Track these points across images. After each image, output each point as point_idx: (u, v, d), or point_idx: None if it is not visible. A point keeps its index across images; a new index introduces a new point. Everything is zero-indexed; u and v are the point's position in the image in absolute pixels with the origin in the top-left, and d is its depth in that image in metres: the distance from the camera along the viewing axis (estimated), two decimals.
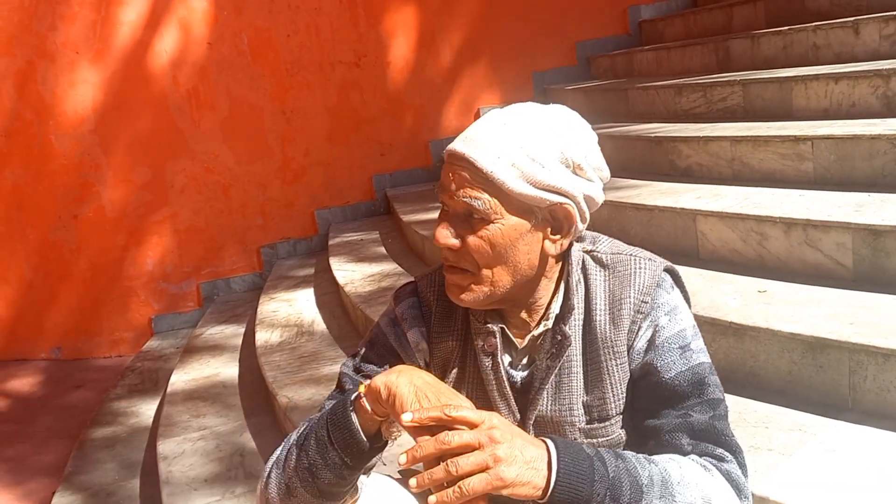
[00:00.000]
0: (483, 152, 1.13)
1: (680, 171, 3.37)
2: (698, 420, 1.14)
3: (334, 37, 5.08)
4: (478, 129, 1.16)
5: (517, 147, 1.13)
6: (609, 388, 1.21)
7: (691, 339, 1.19)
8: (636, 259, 1.23)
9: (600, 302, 1.21)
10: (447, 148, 1.17)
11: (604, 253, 1.25)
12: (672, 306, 1.20)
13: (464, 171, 1.13)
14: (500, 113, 1.19)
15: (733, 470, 1.12)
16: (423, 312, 1.31)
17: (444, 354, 1.29)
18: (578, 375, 1.21)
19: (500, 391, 1.24)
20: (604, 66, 5.50)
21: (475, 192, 1.13)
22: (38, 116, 4.64)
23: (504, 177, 1.12)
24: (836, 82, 3.12)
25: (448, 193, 1.15)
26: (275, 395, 2.93)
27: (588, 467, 1.02)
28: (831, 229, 2.35)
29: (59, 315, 4.88)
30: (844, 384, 1.95)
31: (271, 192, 5.08)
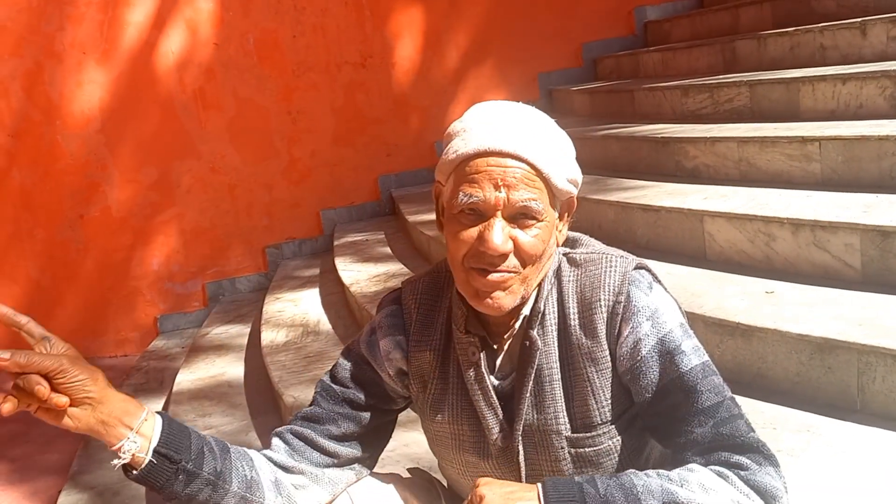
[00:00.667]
0: (534, 150, 1.10)
1: (687, 172, 3.37)
2: (700, 434, 1.09)
3: (340, 38, 5.09)
4: (513, 127, 1.12)
5: (555, 143, 1.14)
6: (591, 396, 1.17)
7: (681, 341, 1.14)
8: (607, 257, 1.19)
9: (572, 305, 1.18)
10: (490, 146, 1.10)
11: (578, 253, 1.23)
12: (653, 309, 1.15)
13: (516, 169, 1.09)
14: (509, 108, 1.16)
15: (754, 476, 1.06)
16: (403, 321, 1.29)
17: (423, 366, 1.27)
18: (558, 383, 1.18)
19: (486, 401, 1.22)
20: (609, 67, 5.49)
21: (532, 192, 1.10)
22: (46, 117, 4.66)
23: (555, 174, 1.12)
24: (844, 83, 3.11)
25: (496, 193, 1.09)
26: (280, 395, 2.93)
27: (577, 492, 1.03)
28: (839, 230, 2.34)
29: (66, 314, 4.89)
30: (853, 385, 1.94)
31: (277, 193, 5.09)
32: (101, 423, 1.09)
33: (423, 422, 1.33)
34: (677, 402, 1.12)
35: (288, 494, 1.24)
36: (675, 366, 1.12)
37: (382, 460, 1.37)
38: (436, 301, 1.29)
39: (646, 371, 1.13)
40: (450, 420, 1.26)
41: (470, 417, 1.24)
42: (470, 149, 1.11)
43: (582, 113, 5.07)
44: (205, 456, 1.16)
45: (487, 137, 1.11)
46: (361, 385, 1.29)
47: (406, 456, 2.25)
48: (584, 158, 4.35)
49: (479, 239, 1.10)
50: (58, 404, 1.05)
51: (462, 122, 1.17)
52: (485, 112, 1.16)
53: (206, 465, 1.16)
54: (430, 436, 1.32)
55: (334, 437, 1.27)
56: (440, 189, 1.21)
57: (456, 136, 1.15)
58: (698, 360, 1.13)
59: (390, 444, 1.39)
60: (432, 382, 1.26)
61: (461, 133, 1.15)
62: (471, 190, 1.10)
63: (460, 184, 1.12)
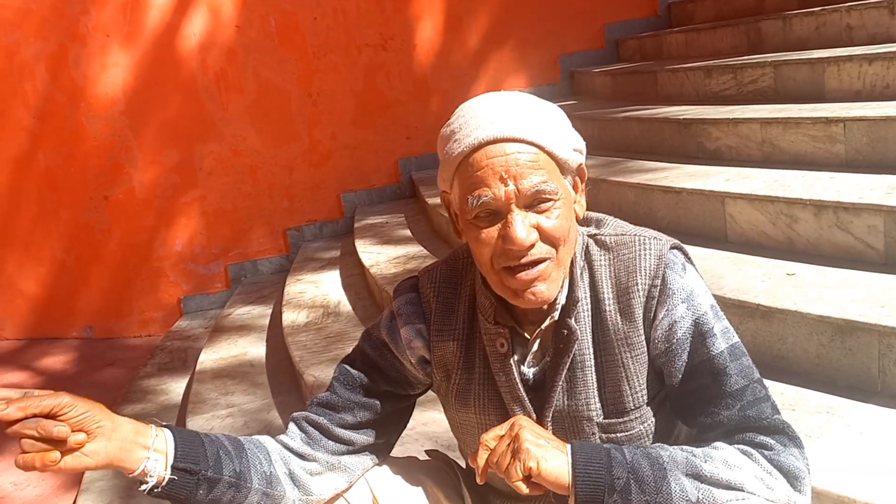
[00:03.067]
0: (530, 127, 1.07)
1: (709, 153, 3.34)
2: (727, 416, 1.10)
3: (361, 20, 5.08)
4: (503, 112, 1.08)
5: (547, 115, 1.11)
6: (625, 381, 1.16)
7: (713, 323, 1.13)
8: (640, 239, 1.16)
9: (607, 290, 1.16)
10: (485, 137, 1.06)
11: (608, 235, 1.19)
12: (688, 291, 1.14)
13: (520, 154, 1.06)
14: (493, 97, 1.13)
15: (779, 457, 1.07)
16: (422, 309, 1.26)
17: (446, 356, 1.25)
18: (591, 369, 1.17)
19: (512, 394, 1.20)
20: (632, 49, 5.44)
21: (539, 174, 1.06)
22: (70, 99, 4.71)
23: (557, 145, 1.09)
24: (870, 63, 3.06)
25: (504, 188, 1.05)
26: (301, 374, 2.96)
27: (605, 456, 1.04)
28: (862, 212, 2.32)
29: (91, 295, 4.97)
30: (874, 367, 1.93)
31: (298, 175, 5.11)
32: (120, 449, 1.07)
33: (447, 410, 1.32)
34: (706, 383, 1.12)
35: (304, 485, 1.24)
36: (705, 348, 1.12)
37: (402, 438, 1.38)
38: (455, 289, 1.26)
39: (680, 353, 1.13)
40: (476, 410, 1.25)
41: (497, 407, 1.23)
42: (465, 146, 1.07)
43: (603, 95, 5.04)
44: (222, 460, 1.16)
45: (480, 129, 1.07)
46: (381, 370, 1.28)
47: (424, 434, 2.28)
48: (605, 140, 4.35)
49: (502, 238, 1.07)
50: (78, 441, 1.02)
51: (450, 124, 1.13)
52: (470, 108, 1.12)
53: (226, 468, 1.16)
54: (455, 424, 1.32)
55: (350, 425, 1.27)
56: (448, 198, 1.18)
57: (448, 141, 1.11)
58: (727, 343, 1.13)
59: (410, 423, 1.39)
60: (457, 373, 1.25)
61: (452, 136, 1.11)
62: (479, 191, 1.06)
63: (466, 187, 1.08)
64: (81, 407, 1.03)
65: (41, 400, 1.00)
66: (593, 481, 1.03)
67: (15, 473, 3.31)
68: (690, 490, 1.03)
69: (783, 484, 1.06)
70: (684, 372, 1.13)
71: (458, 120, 1.11)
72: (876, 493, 1.52)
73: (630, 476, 1.02)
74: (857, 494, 1.53)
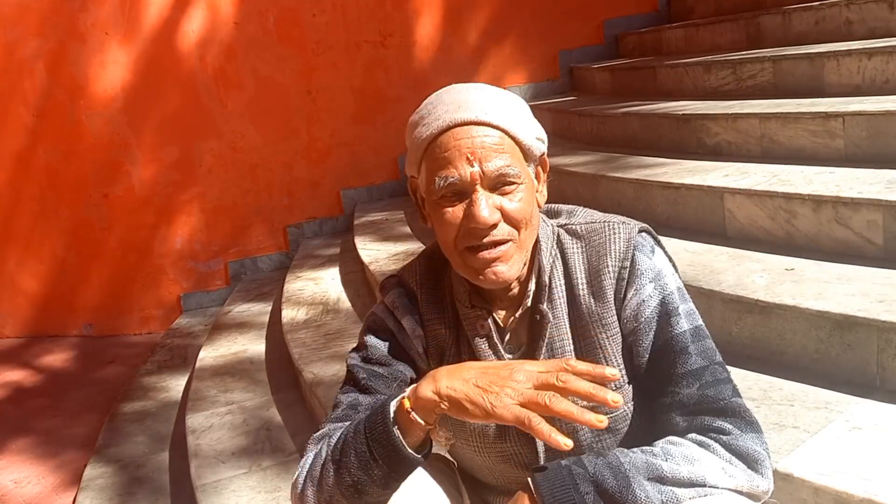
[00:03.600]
0: (496, 112, 1.11)
1: (708, 149, 3.33)
2: (687, 395, 1.12)
3: (360, 16, 5.08)
4: (470, 98, 1.13)
5: (512, 104, 1.15)
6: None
7: (678, 304, 1.17)
8: (609, 225, 1.21)
9: (580, 275, 1.20)
10: (452, 120, 1.10)
11: (578, 224, 1.23)
12: (656, 272, 1.18)
13: (486, 137, 1.10)
14: (460, 86, 1.18)
15: (736, 441, 1.09)
16: (410, 301, 1.28)
17: (439, 341, 1.27)
18: (570, 354, 1.20)
19: None
20: (632, 44, 5.43)
21: (504, 157, 1.11)
22: (70, 96, 4.71)
23: (521, 132, 1.13)
24: (870, 58, 3.05)
25: (470, 168, 1.09)
26: (301, 371, 2.96)
27: (567, 475, 1.04)
28: (861, 207, 2.31)
29: (91, 292, 4.97)
30: (872, 362, 1.93)
31: (297, 172, 5.11)
32: None
33: None
34: (668, 362, 1.15)
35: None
36: (669, 326, 1.16)
37: None
38: (436, 280, 1.29)
39: (647, 332, 1.17)
40: None
41: None
42: (434, 129, 1.12)
43: (603, 90, 5.03)
44: None
45: (448, 113, 1.11)
46: (401, 360, 1.27)
47: None
48: (604, 136, 4.34)
49: (466, 217, 1.10)
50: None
51: (419, 112, 1.17)
52: (438, 96, 1.17)
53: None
54: (445, 416, 1.32)
55: None
56: (415, 183, 1.22)
57: (417, 126, 1.16)
58: (690, 325, 1.17)
59: None
60: (447, 359, 1.27)
61: (421, 121, 1.15)
62: (445, 172, 1.10)
63: (433, 168, 1.12)
64: None
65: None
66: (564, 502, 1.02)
67: (15, 471, 3.31)
68: (654, 494, 1.03)
69: (743, 470, 1.07)
70: (650, 352, 1.17)
71: (427, 107, 1.16)
72: (875, 489, 1.52)
73: (594, 489, 1.03)
74: (856, 490, 1.53)
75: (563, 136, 4.61)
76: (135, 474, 3.00)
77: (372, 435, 1.07)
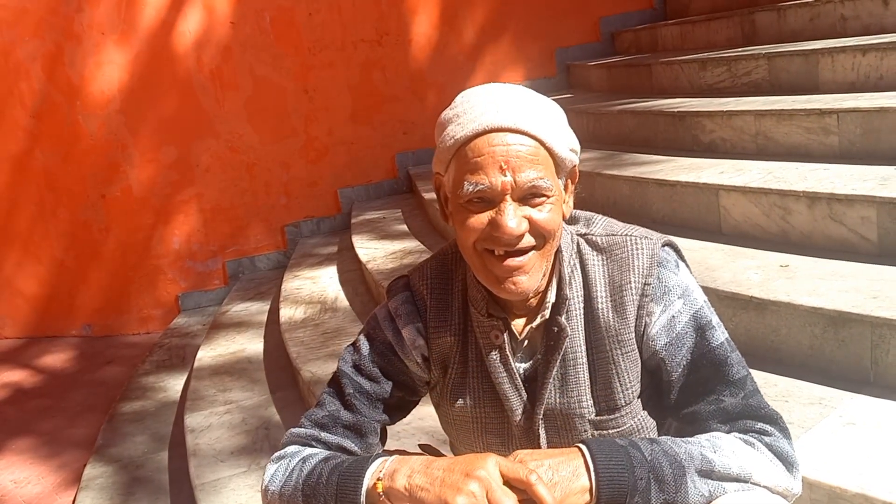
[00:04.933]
0: (534, 122, 1.07)
1: (703, 146, 3.34)
2: (731, 404, 1.12)
3: (356, 15, 5.08)
4: (509, 102, 1.08)
5: (551, 113, 1.11)
6: (616, 378, 1.17)
7: (710, 317, 1.16)
8: (632, 239, 1.17)
9: (601, 289, 1.17)
10: (489, 124, 1.05)
11: (598, 235, 1.20)
12: (684, 287, 1.16)
13: (521, 146, 1.06)
14: (499, 87, 1.12)
15: (777, 443, 1.10)
16: (417, 307, 1.25)
17: (443, 350, 1.25)
18: (584, 367, 1.18)
19: (511, 383, 1.20)
20: (628, 42, 5.44)
21: (538, 170, 1.06)
22: (67, 98, 4.71)
23: (557, 143, 1.09)
24: (864, 54, 3.06)
25: (502, 178, 1.05)
26: (299, 371, 2.97)
27: (625, 456, 1.03)
28: (856, 203, 2.32)
29: (90, 293, 4.98)
30: (866, 358, 1.94)
31: (295, 172, 5.12)
32: None
33: (441, 406, 1.32)
34: (707, 375, 1.14)
35: None
36: (706, 341, 1.14)
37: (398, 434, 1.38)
38: (447, 285, 1.26)
39: (680, 347, 1.15)
40: (471, 404, 1.25)
41: (492, 400, 1.23)
42: (469, 130, 1.07)
43: (599, 88, 5.04)
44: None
45: (485, 116, 1.06)
46: (390, 377, 1.26)
47: (420, 429, 2.29)
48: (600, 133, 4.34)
49: (492, 225, 1.07)
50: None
51: (453, 108, 1.12)
52: (476, 94, 1.11)
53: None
54: (449, 419, 1.31)
55: (362, 434, 1.26)
56: (440, 180, 1.17)
57: (450, 123, 1.11)
58: (724, 336, 1.16)
59: (406, 418, 1.39)
60: (453, 367, 1.25)
61: (455, 119, 1.10)
62: (476, 178, 1.06)
63: (463, 171, 1.07)
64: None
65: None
66: (616, 484, 1.01)
67: (15, 471, 3.32)
68: (702, 487, 1.04)
69: (783, 471, 1.08)
70: (685, 365, 1.15)
71: (462, 105, 1.11)
72: (868, 483, 1.53)
73: (651, 476, 1.02)
74: (849, 485, 1.54)
75: None
76: (134, 474, 3.01)
77: (342, 496, 1.09)
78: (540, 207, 1.08)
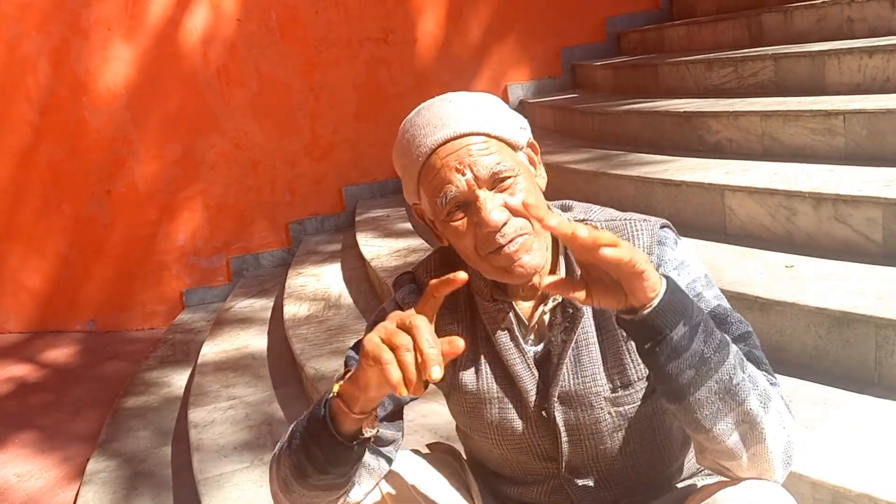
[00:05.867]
0: (470, 119, 1.13)
1: (709, 146, 3.34)
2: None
3: (362, 13, 5.08)
4: (443, 115, 1.13)
5: (485, 105, 1.16)
6: (626, 354, 1.20)
7: (703, 289, 1.17)
8: (631, 223, 1.21)
9: None
10: (434, 142, 1.12)
11: (598, 221, 1.23)
12: (679, 261, 1.19)
13: (470, 145, 1.11)
14: (427, 105, 1.17)
15: (780, 391, 1.11)
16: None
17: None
18: (595, 346, 1.20)
19: (524, 363, 1.22)
20: (634, 42, 5.44)
21: (493, 157, 1.12)
22: (73, 93, 4.72)
23: (502, 129, 1.14)
24: (871, 56, 3.06)
25: (463, 177, 1.11)
26: (302, 367, 2.98)
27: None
28: (861, 204, 2.32)
29: (94, 288, 4.99)
30: (870, 359, 1.94)
31: (300, 169, 5.12)
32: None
33: (452, 395, 1.32)
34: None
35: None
36: (703, 303, 1.16)
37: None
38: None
39: None
40: (485, 388, 1.26)
41: (504, 383, 1.24)
42: (419, 155, 1.13)
43: (604, 88, 5.04)
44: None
45: (426, 136, 1.13)
46: None
47: (424, 426, 2.29)
48: (605, 133, 4.35)
49: (478, 224, 1.11)
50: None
51: (399, 143, 1.18)
52: (410, 121, 1.17)
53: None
54: (460, 408, 1.31)
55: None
56: (419, 209, 1.22)
57: (402, 157, 1.17)
58: (722, 301, 1.17)
59: (410, 415, 1.39)
60: (461, 358, 1.26)
61: (405, 152, 1.16)
62: (443, 189, 1.11)
63: (431, 191, 1.13)
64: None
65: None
66: (678, 301, 0.99)
67: (18, 465, 3.33)
68: (738, 374, 1.02)
69: (788, 414, 1.09)
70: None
71: (405, 137, 1.17)
72: (872, 483, 1.53)
73: (703, 321, 1.01)
74: (853, 485, 1.54)
75: (564, 134, 4.62)
76: (137, 468, 3.02)
77: (312, 418, 1.11)
78: (510, 191, 1.12)
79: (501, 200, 1.11)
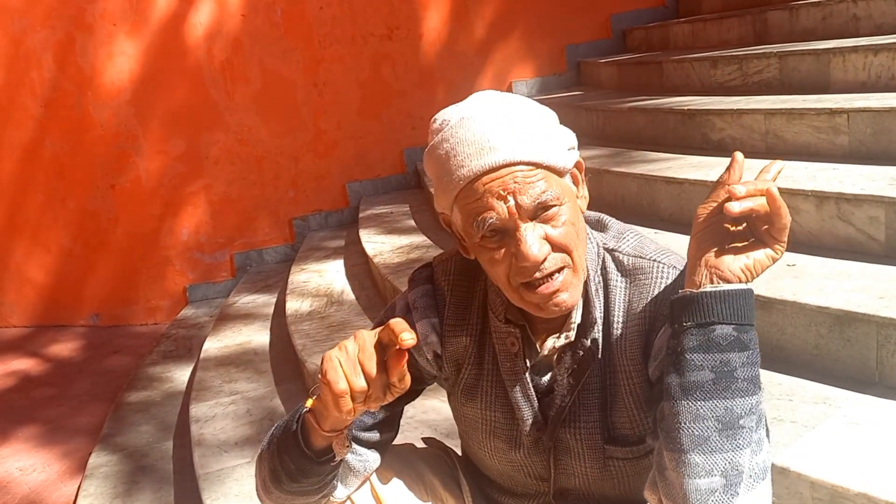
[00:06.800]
0: (523, 146, 1.03)
1: (713, 144, 3.33)
2: None
3: (367, 9, 5.08)
4: (493, 137, 1.02)
5: (538, 127, 1.06)
6: (626, 411, 1.14)
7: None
8: (659, 267, 1.13)
9: (619, 314, 1.13)
10: (480, 168, 1.02)
11: (626, 255, 1.15)
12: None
13: (517, 173, 1.02)
14: (484, 112, 1.05)
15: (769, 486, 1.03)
16: (436, 302, 1.23)
17: (458, 351, 1.23)
18: (598, 392, 1.15)
19: (523, 393, 1.18)
20: (639, 39, 5.42)
21: (540, 185, 1.02)
22: (78, 88, 4.73)
23: (551, 155, 1.05)
24: (876, 54, 3.04)
25: (506, 205, 1.02)
26: (304, 363, 2.98)
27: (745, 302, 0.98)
28: (864, 203, 2.31)
29: (98, 283, 5.01)
30: (872, 358, 1.93)
31: (303, 165, 5.13)
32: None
33: (453, 403, 1.31)
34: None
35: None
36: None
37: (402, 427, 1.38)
38: (470, 283, 1.23)
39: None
40: (483, 406, 1.24)
41: (503, 406, 1.21)
42: (460, 178, 1.03)
43: (609, 85, 5.02)
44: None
45: (471, 159, 1.03)
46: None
47: (424, 423, 2.29)
48: (609, 131, 4.33)
49: (515, 256, 1.04)
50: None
51: (441, 144, 1.07)
52: (454, 132, 1.06)
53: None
54: (459, 416, 1.31)
55: (367, 427, 1.24)
56: (448, 218, 1.13)
57: (439, 165, 1.07)
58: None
59: (410, 411, 1.39)
60: (467, 368, 1.23)
61: (442, 168, 1.06)
62: (483, 216, 1.03)
63: (469, 213, 1.05)
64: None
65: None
66: (745, 309, 0.96)
67: (21, 459, 3.35)
68: (749, 422, 0.95)
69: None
70: (656, 349, 1.09)
71: (444, 145, 1.06)
72: (871, 484, 1.52)
73: (754, 349, 0.97)
74: (852, 484, 1.54)
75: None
76: (139, 463, 3.03)
77: (286, 429, 1.12)
78: (554, 222, 1.04)
79: (543, 232, 1.04)
